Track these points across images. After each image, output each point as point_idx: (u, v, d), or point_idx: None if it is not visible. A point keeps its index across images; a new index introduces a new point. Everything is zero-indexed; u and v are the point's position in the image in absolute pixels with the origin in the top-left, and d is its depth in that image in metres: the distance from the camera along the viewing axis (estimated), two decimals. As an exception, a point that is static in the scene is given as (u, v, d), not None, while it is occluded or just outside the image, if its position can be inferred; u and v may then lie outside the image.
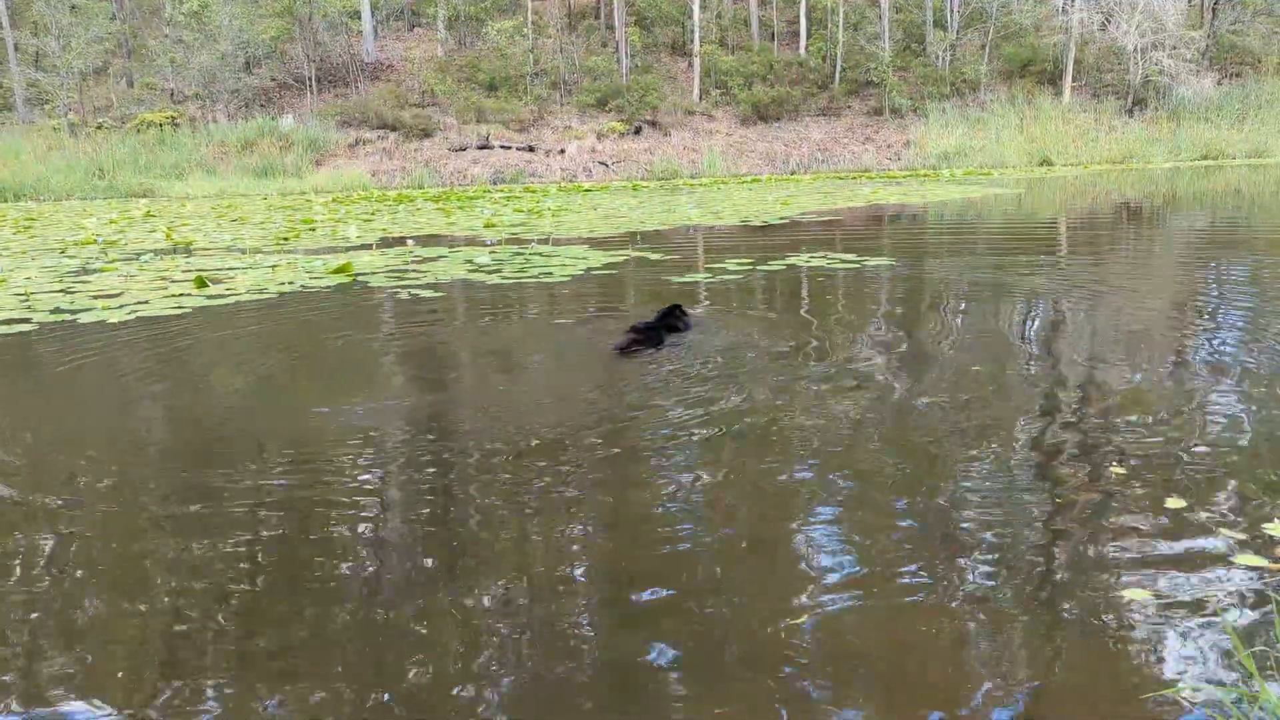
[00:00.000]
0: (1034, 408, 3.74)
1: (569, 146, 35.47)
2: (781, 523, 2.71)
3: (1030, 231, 11.86)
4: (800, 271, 7.95)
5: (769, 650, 2.04)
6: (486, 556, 2.57)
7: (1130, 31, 36.20)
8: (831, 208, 16.32)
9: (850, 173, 32.72)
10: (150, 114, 35.30)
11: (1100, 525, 2.61)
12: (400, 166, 33.74)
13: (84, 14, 37.20)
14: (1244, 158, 33.43)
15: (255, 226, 15.20)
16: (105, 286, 8.09)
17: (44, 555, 2.67)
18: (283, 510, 2.96)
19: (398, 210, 18.55)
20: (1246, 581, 2.24)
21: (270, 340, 5.91)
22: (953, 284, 7.19)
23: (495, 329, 6.10)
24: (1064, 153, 34.31)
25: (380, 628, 2.20)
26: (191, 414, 4.29)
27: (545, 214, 16.15)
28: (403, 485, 3.16)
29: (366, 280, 8.21)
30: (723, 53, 40.76)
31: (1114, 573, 2.33)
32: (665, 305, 5.57)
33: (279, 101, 38.16)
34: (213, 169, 32.17)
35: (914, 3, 45.28)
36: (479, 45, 41.19)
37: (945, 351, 4.92)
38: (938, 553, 2.46)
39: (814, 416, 3.69)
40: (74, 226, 16.19)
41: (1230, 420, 3.46)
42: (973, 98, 38.53)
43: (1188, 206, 15.46)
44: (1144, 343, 4.98)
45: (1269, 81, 37.18)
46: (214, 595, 2.38)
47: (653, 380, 4.41)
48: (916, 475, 3.03)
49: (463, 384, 4.82)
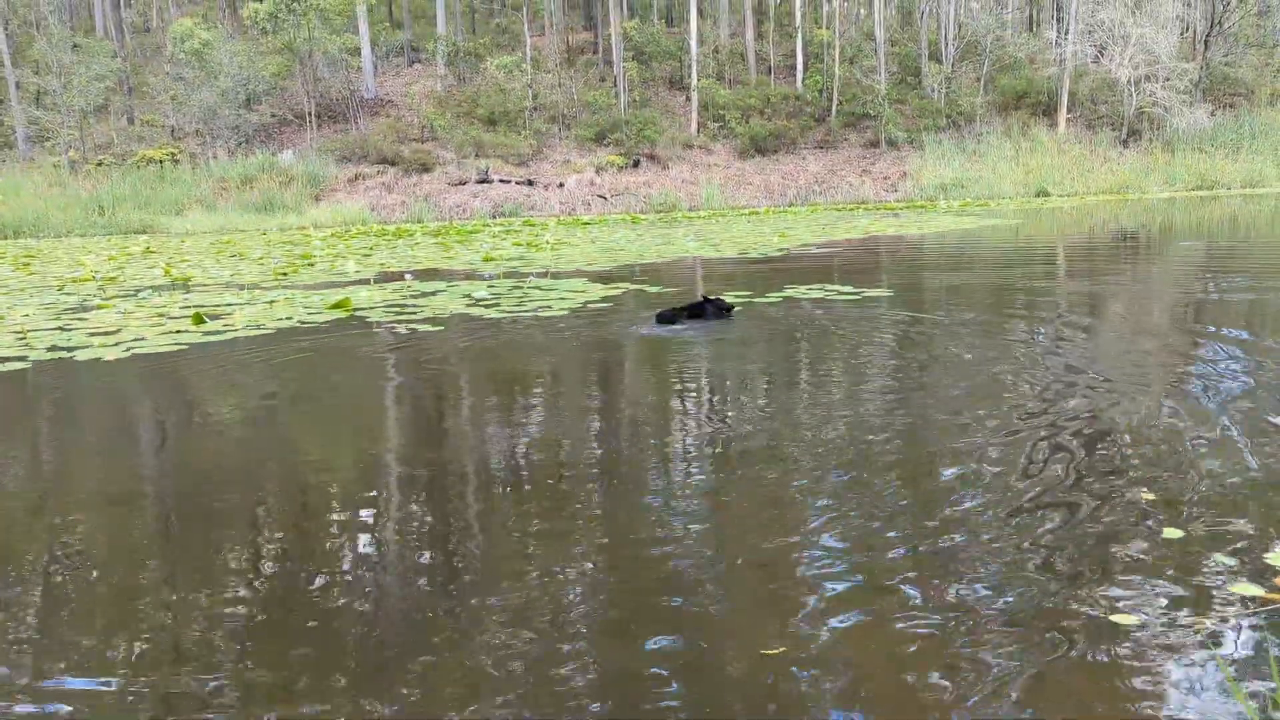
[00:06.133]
0: (1032, 435, 3.68)
1: (568, 180, 35.65)
2: (777, 545, 2.65)
3: (1030, 259, 11.87)
4: (798, 304, 7.92)
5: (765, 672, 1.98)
6: (487, 592, 2.50)
7: (1124, 64, 36.53)
8: (829, 239, 16.35)
9: (848, 205, 32.84)
10: (150, 150, 35.53)
11: (1097, 553, 2.57)
12: (400, 201, 33.90)
13: (85, 52, 37.53)
14: (1239, 188, 33.61)
15: (254, 262, 15.20)
16: (102, 323, 8.05)
17: (30, 601, 2.60)
18: (278, 549, 2.90)
19: (396, 245, 18.57)
20: (1244, 613, 2.20)
21: (266, 376, 5.86)
22: (952, 312, 7.15)
23: (492, 361, 6.05)
24: (1060, 184, 34.51)
25: (381, 670, 2.13)
26: (184, 451, 4.23)
27: (544, 247, 16.17)
28: (401, 522, 3.10)
29: (365, 315, 8.17)
30: (720, 86, 41.10)
31: (1109, 601, 2.30)
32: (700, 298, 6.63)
33: (279, 137, 38.42)
34: (212, 205, 32.31)
35: (909, 36, 45.81)
36: (478, 81, 41.54)
37: (939, 378, 4.87)
38: (932, 578, 2.41)
39: (809, 441, 3.64)
40: (73, 263, 16.20)
41: (1229, 449, 3.41)
42: (969, 130, 38.81)
43: (1187, 234, 15.49)
44: (1143, 369, 4.93)
45: (1262, 112, 37.50)
46: (208, 637, 2.32)
47: (645, 404, 4.35)
48: (911, 499, 2.97)
49: (459, 417, 4.76)
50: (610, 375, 5.72)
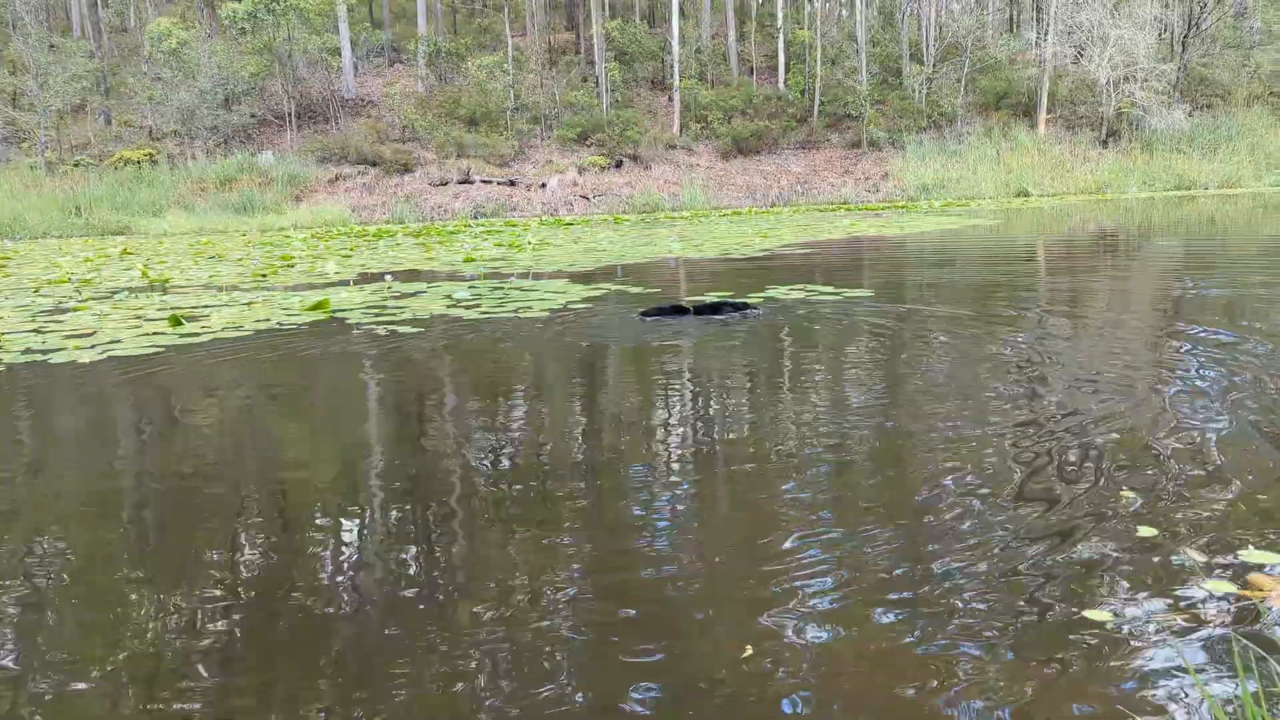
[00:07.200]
0: (1010, 433, 3.68)
1: (550, 180, 35.58)
2: (759, 551, 2.63)
3: (1012, 258, 11.91)
4: (781, 303, 7.92)
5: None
6: (470, 592, 2.47)
7: (1103, 65, 36.79)
8: (811, 240, 16.38)
9: (830, 205, 32.93)
10: (128, 151, 35.22)
11: (1070, 549, 2.58)
12: (381, 202, 33.74)
13: (62, 52, 37.17)
14: (1216, 188, 33.92)
15: (233, 263, 15.08)
16: (78, 326, 7.96)
17: (4, 610, 2.56)
18: (258, 554, 2.86)
19: (377, 246, 18.48)
20: (1221, 611, 2.21)
21: (243, 377, 5.81)
22: (932, 313, 7.16)
23: (472, 362, 6.02)
24: (1040, 184, 34.72)
25: (363, 676, 2.10)
26: (159, 454, 4.18)
27: (526, 248, 16.12)
28: (382, 526, 3.06)
29: (344, 316, 8.11)
30: (702, 87, 41.13)
31: (1083, 597, 2.31)
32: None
33: (259, 138, 38.17)
34: (191, 206, 32.04)
35: (891, 37, 45.99)
36: (459, 81, 41.40)
37: (921, 378, 4.88)
38: (908, 573, 2.41)
39: (789, 444, 3.63)
40: (49, 265, 16.02)
41: (1206, 446, 3.41)
42: (950, 130, 39.00)
43: (1166, 233, 15.60)
44: (1120, 367, 4.95)
45: (1239, 113, 37.86)
46: (189, 645, 2.28)
47: (628, 403, 4.33)
48: (889, 499, 2.96)
49: (440, 417, 4.72)
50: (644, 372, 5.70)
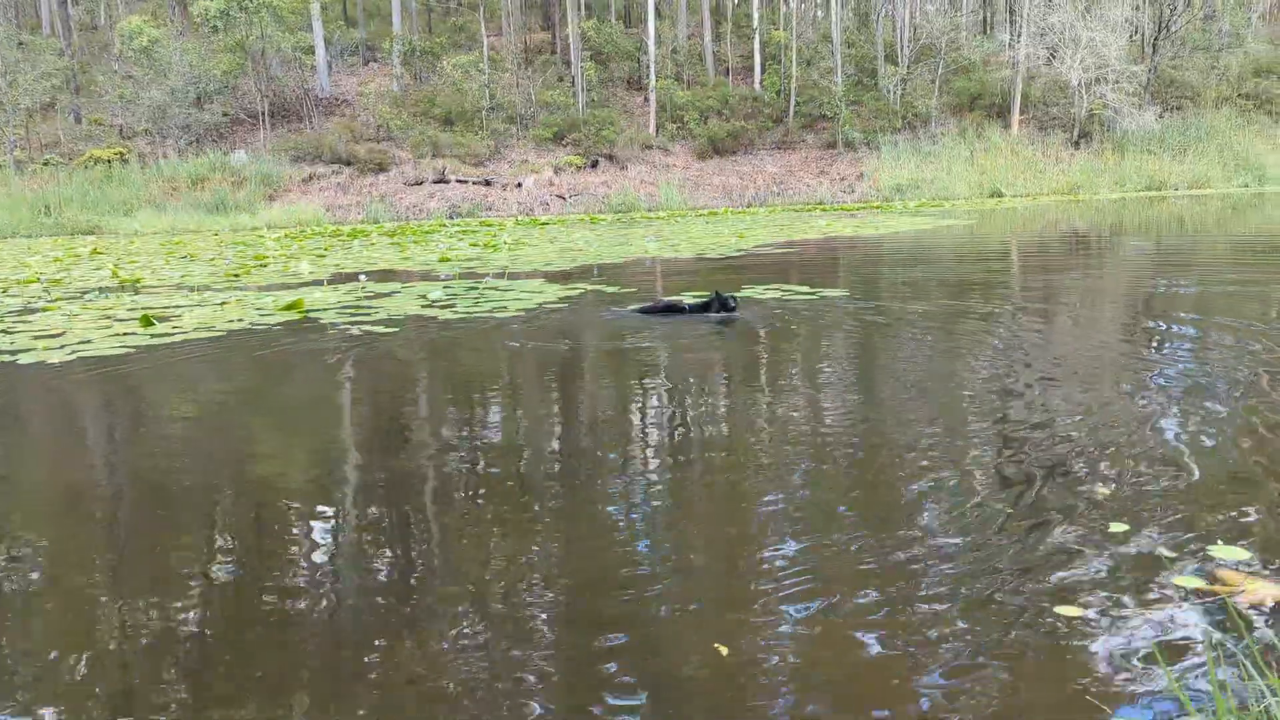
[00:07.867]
0: (984, 430, 3.71)
1: (526, 180, 35.48)
2: (739, 549, 2.63)
3: (985, 259, 12.01)
4: (758, 303, 7.94)
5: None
6: (442, 593, 2.46)
7: (1075, 66, 37.14)
8: (787, 240, 16.43)
9: (805, 205, 33.05)
10: (98, 150, 34.77)
11: (1043, 545, 2.61)
12: (355, 201, 33.51)
13: (31, 50, 36.67)
14: (1186, 189, 34.32)
15: (205, 263, 14.94)
16: (47, 326, 7.86)
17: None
18: (231, 556, 2.83)
19: (352, 245, 18.36)
20: (1190, 607, 2.24)
21: (215, 378, 5.75)
22: (905, 313, 7.20)
23: (446, 362, 5.99)
24: (1013, 184, 34.99)
25: (341, 678, 2.08)
26: (129, 454, 4.13)
27: (501, 248, 16.07)
28: (355, 525, 3.04)
29: (318, 317, 8.06)
30: (678, 87, 41.12)
31: (1054, 593, 2.33)
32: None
33: (231, 137, 37.81)
34: (162, 205, 31.67)
35: (866, 38, 46.22)
36: (435, 80, 41.20)
37: (895, 378, 4.91)
38: (883, 569, 2.43)
39: (768, 444, 3.64)
40: (17, 265, 15.81)
41: (1177, 443, 3.45)
42: (924, 131, 39.22)
43: (1136, 233, 15.77)
44: (1093, 364, 4.99)
45: (1208, 114, 38.33)
46: (162, 650, 2.25)
47: (606, 403, 4.33)
48: (866, 497, 2.97)
49: (414, 419, 4.70)
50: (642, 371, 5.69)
